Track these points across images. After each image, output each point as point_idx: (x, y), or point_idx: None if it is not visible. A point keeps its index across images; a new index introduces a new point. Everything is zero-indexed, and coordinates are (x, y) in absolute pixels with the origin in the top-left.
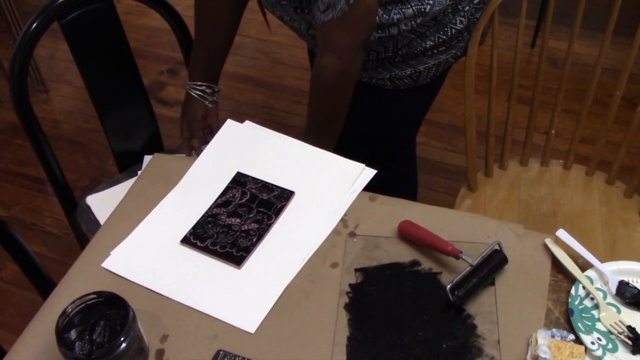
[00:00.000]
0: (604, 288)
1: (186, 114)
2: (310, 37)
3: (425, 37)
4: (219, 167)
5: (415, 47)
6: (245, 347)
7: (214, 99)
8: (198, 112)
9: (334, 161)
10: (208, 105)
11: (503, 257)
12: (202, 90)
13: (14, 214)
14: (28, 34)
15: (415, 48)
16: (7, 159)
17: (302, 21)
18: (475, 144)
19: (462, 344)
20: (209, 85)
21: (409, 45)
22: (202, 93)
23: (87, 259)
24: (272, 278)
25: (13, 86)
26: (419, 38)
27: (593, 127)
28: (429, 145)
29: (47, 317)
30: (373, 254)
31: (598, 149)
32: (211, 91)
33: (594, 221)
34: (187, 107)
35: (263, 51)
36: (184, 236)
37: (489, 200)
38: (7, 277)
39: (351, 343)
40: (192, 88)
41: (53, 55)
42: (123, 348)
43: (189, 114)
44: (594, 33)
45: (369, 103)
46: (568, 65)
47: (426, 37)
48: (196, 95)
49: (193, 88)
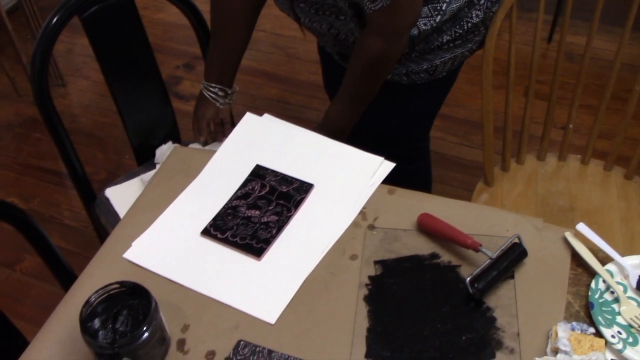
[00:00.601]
0: (624, 282)
1: (197, 111)
2: (331, 36)
3: (441, 32)
4: (238, 159)
5: (431, 42)
6: (266, 337)
7: (226, 101)
8: (208, 112)
9: (353, 154)
10: (219, 107)
11: (523, 250)
12: (214, 92)
13: (33, 207)
14: (49, 28)
15: (432, 43)
16: (26, 153)
17: (323, 21)
18: (492, 139)
19: (481, 336)
20: (222, 88)
21: (425, 40)
22: (215, 95)
23: (108, 250)
24: (291, 270)
25: (34, 80)
26: (435, 33)
27: (611, 123)
28: (445, 140)
29: (70, 307)
30: (392, 246)
31: (616, 144)
32: (224, 94)
33: (612, 216)
34: (199, 105)
35: (278, 46)
36: (204, 228)
37: (505, 195)
38: (26, 268)
39: (371, 335)
40: (206, 88)
41: (71, 50)
42: (145, 337)
43: (199, 111)
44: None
45: (385, 99)
46: (587, 60)
47: (442, 31)
48: (208, 96)
49: (206, 88)
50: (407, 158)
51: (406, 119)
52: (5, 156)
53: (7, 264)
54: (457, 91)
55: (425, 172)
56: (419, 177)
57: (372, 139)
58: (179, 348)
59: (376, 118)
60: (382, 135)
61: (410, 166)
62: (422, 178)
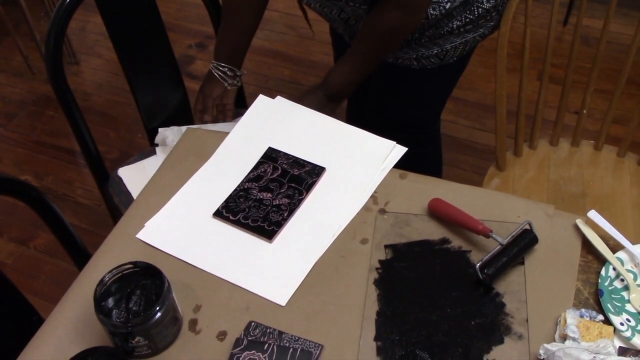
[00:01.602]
0: (635, 270)
1: (203, 88)
2: (342, 20)
3: (451, 17)
4: (250, 142)
5: (442, 27)
6: (277, 319)
7: (234, 82)
8: (215, 91)
9: (365, 138)
10: (227, 87)
11: (533, 236)
12: (224, 72)
13: (47, 184)
14: (63, 7)
15: (442, 28)
16: (40, 130)
17: (334, 7)
18: (505, 123)
19: (490, 321)
20: (231, 69)
21: (435, 26)
22: (224, 75)
23: (122, 230)
24: (302, 252)
25: (48, 59)
26: (445, 18)
27: (626, 108)
28: (457, 123)
29: (84, 286)
30: (403, 230)
31: (630, 130)
32: (232, 74)
33: (624, 203)
34: (206, 83)
35: (291, 26)
36: (217, 209)
37: (517, 180)
38: (40, 245)
39: (380, 318)
40: (215, 67)
41: (83, 28)
42: (158, 317)
43: (206, 89)
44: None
45: (395, 84)
46: (603, 44)
47: (452, 17)
48: (217, 76)
49: (216, 67)
50: (418, 142)
51: (417, 104)
52: (19, 133)
53: (21, 240)
54: (471, 74)
55: (436, 156)
56: (429, 161)
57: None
58: (191, 328)
59: (387, 103)
60: (393, 119)
61: (420, 150)
62: (432, 162)
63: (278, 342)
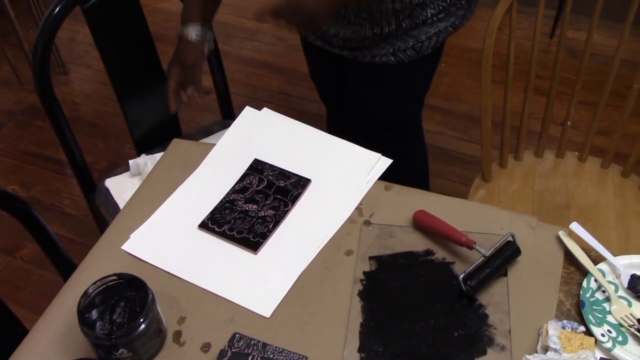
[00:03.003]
0: (616, 281)
1: (183, 58)
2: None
3: (425, 6)
4: (236, 153)
5: (416, 16)
6: (261, 330)
7: (210, 46)
8: (198, 56)
9: (351, 150)
10: (205, 50)
11: (516, 248)
12: (202, 36)
13: (34, 194)
14: (51, 17)
15: (417, 18)
16: (28, 140)
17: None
18: (490, 134)
19: (473, 332)
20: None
21: (410, 16)
22: (201, 38)
23: (107, 241)
24: (287, 264)
25: (35, 69)
26: (419, 7)
27: (610, 119)
28: (445, 134)
29: (68, 297)
30: (387, 242)
31: (614, 141)
32: (210, 37)
33: (608, 214)
34: (185, 52)
35: (280, 37)
36: (202, 221)
37: (502, 191)
38: (26, 256)
39: (364, 329)
40: (191, 32)
41: (73, 38)
42: (142, 329)
43: (188, 57)
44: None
45: (373, 84)
46: (587, 56)
47: (426, 5)
48: (195, 40)
49: (192, 32)
50: (401, 140)
51: (395, 100)
52: (6, 143)
53: (8, 251)
54: (458, 85)
55: (420, 152)
56: (415, 157)
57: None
58: (175, 340)
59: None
60: (374, 120)
61: (404, 147)
62: (418, 158)
63: (262, 354)
